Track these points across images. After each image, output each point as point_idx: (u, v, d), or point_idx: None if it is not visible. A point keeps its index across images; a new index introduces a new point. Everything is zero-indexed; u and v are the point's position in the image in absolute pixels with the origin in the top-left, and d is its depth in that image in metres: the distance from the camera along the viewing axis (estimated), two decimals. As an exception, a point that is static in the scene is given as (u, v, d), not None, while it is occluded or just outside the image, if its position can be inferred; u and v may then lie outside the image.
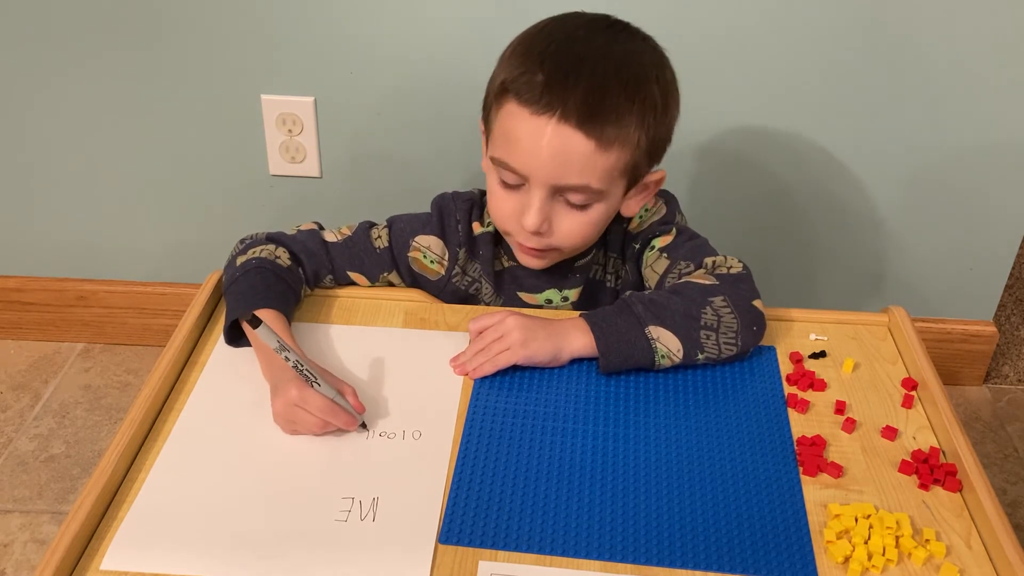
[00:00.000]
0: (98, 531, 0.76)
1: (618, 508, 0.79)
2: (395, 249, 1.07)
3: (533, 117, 0.90)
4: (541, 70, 0.90)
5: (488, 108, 0.98)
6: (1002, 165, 1.52)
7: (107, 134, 1.57)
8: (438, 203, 1.09)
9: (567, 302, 1.09)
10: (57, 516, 1.44)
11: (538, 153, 0.91)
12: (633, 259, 1.07)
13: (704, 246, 1.03)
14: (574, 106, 0.89)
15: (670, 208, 1.07)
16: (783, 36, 1.42)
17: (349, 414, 0.85)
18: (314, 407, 0.83)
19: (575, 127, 0.89)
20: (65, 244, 1.70)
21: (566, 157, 0.91)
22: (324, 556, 0.73)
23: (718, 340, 0.92)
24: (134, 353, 1.78)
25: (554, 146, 0.90)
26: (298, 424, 0.84)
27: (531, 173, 0.92)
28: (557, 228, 0.96)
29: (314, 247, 1.04)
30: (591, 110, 0.89)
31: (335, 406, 0.84)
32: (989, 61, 1.42)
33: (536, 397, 0.90)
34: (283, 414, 0.85)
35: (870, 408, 0.91)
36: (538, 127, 0.90)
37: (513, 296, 1.09)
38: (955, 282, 1.65)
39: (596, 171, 0.92)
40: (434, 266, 1.08)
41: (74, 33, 1.48)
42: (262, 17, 1.45)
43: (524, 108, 0.91)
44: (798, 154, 1.53)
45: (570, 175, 0.92)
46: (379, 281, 1.08)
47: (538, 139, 0.90)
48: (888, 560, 0.74)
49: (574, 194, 0.94)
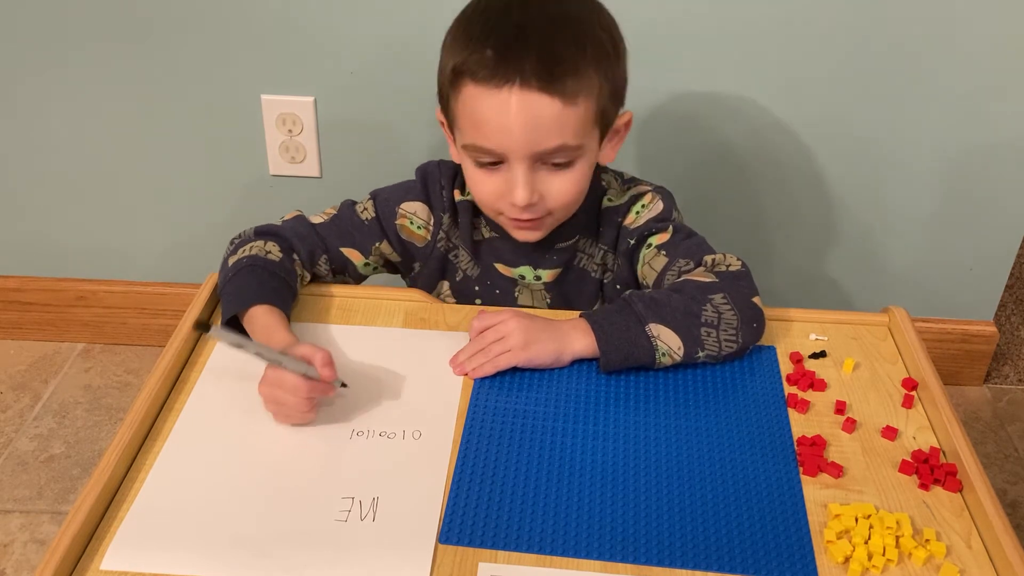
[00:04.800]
0: (98, 531, 0.76)
1: (618, 508, 0.79)
2: (382, 219, 1.08)
3: (494, 92, 0.90)
4: (487, 46, 0.90)
5: (445, 98, 0.97)
6: (1002, 165, 1.52)
7: (107, 134, 1.57)
8: (423, 169, 1.09)
9: (539, 281, 1.09)
10: (57, 516, 1.44)
11: (509, 127, 0.91)
12: (626, 254, 1.06)
13: (702, 244, 1.03)
14: (531, 70, 0.89)
15: (667, 205, 1.07)
16: (785, 34, 1.42)
17: (326, 385, 0.85)
18: (288, 387, 0.84)
19: (538, 90, 0.89)
20: (65, 244, 1.70)
21: (537, 122, 0.90)
22: (324, 556, 0.73)
23: (719, 337, 0.92)
24: (134, 353, 1.78)
25: (523, 115, 0.90)
26: (286, 407, 0.85)
27: (507, 148, 0.92)
28: (547, 193, 0.96)
29: (303, 231, 1.05)
30: (548, 69, 0.89)
31: (308, 381, 0.84)
32: (988, 61, 1.42)
33: (536, 397, 0.90)
34: (268, 398, 0.86)
35: (870, 408, 0.91)
36: (501, 101, 0.90)
37: (490, 267, 1.10)
38: (955, 282, 1.65)
39: (569, 127, 0.92)
40: (420, 231, 1.09)
41: (74, 33, 1.48)
42: (262, 17, 1.45)
43: (482, 86, 0.91)
44: (797, 154, 1.53)
45: (546, 139, 0.92)
46: (372, 254, 1.08)
47: (505, 113, 0.90)
48: (888, 560, 0.74)
49: (554, 156, 0.94)
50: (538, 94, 0.89)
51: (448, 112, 0.98)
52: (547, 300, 1.11)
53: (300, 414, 0.85)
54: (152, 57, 1.50)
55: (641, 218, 1.06)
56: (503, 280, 1.10)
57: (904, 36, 1.41)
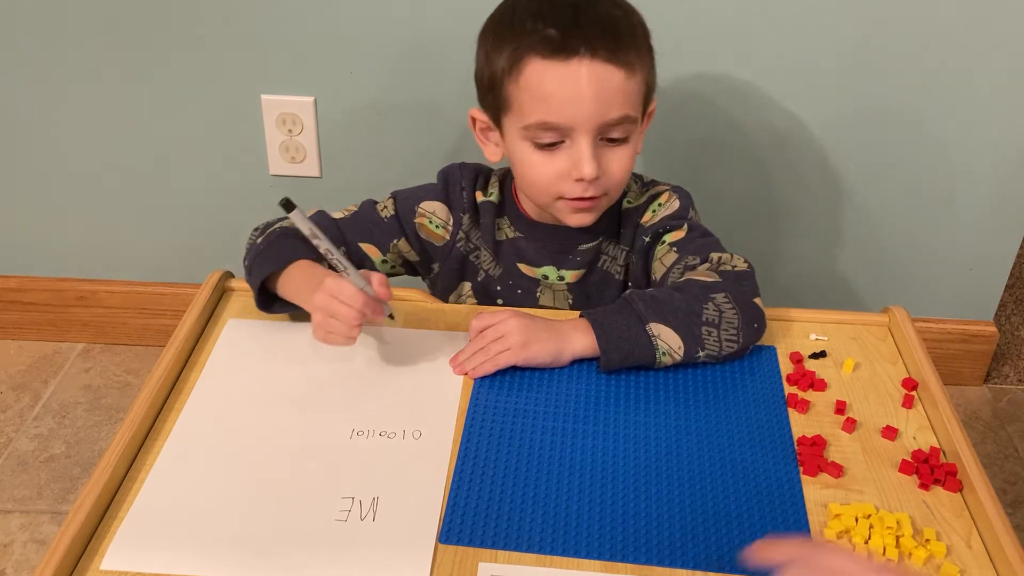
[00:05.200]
0: (98, 531, 0.76)
1: (618, 508, 0.79)
2: (401, 217, 1.09)
3: (563, 65, 0.92)
4: (547, 26, 0.93)
5: (498, 86, 0.97)
6: (1002, 165, 1.52)
7: (107, 134, 1.57)
8: (445, 171, 1.11)
9: (562, 281, 1.10)
10: (57, 516, 1.44)
11: (579, 97, 0.93)
12: (641, 251, 1.07)
13: (714, 245, 1.03)
14: (598, 42, 0.92)
15: (683, 204, 1.07)
16: (787, 33, 1.42)
17: (379, 304, 0.89)
18: (347, 295, 0.87)
19: (605, 60, 0.92)
20: (65, 244, 1.70)
21: (607, 92, 0.93)
22: (323, 556, 0.73)
23: (719, 336, 0.92)
24: (134, 353, 1.78)
25: (593, 85, 0.92)
26: (337, 319, 0.87)
27: (575, 120, 0.94)
28: (607, 169, 0.98)
29: (325, 223, 1.07)
30: (613, 41, 0.93)
31: (366, 295, 0.87)
32: (988, 62, 1.42)
33: (536, 397, 0.90)
34: (322, 308, 0.88)
35: (870, 408, 0.91)
36: (571, 72, 0.92)
37: (512, 267, 1.10)
38: (955, 282, 1.65)
39: (631, 98, 0.96)
40: (439, 231, 1.10)
41: (74, 33, 1.48)
42: (262, 17, 1.45)
43: (550, 60, 0.93)
44: (797, 155, 1.53)
45: (612, 109, 0.94)
46: (390, 251, 1.09)
47: (575, 83, 0.92)
48: (888, 560, 0.74)
49: (616, 128, 0.96)
50: (604, 64, 0.92)
51: (499, 102, 0.98)
52: (569, 301, 1.11)
53: (348, 328, 0.87)
54: (152, 57, 1.50)
55: (657, 216, 1.07)
56: (526, 280, 1.10)
57: (904, 37, 1.41)
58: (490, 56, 0.97)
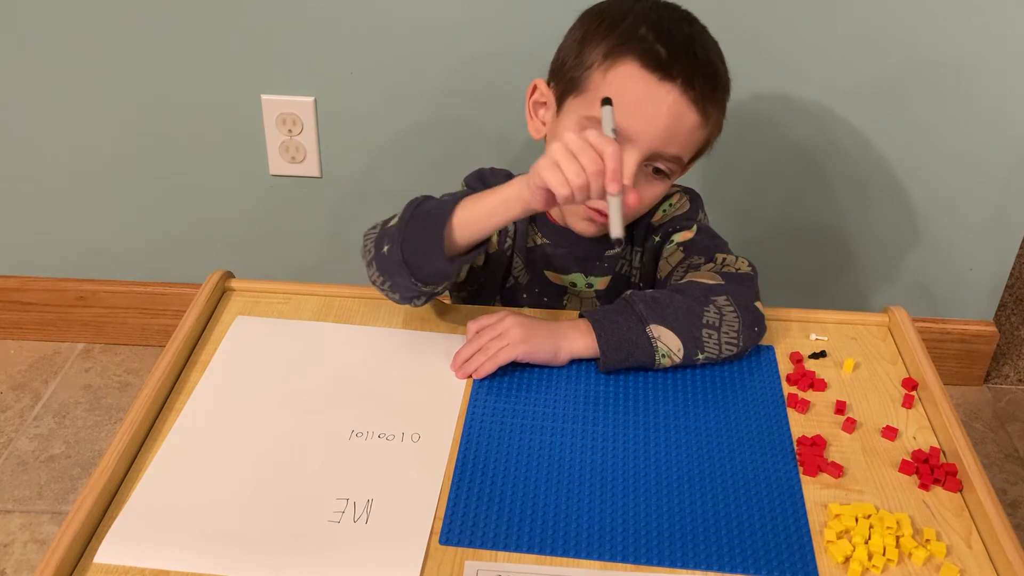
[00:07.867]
0: (98, 531, 0.75)
1: (618, 508, 0.79)
2: None
3: (657, 83, 0.93)
4: (659, 42, 0.93)
5: (582, 68, 0.96)
6: (1002, 165, 1.52)
7: (107, 134, 1.58)
8: (478, 175, 1.09)
9: (591, 289, 1.10)
10: (57, 516, 1.44)
11: (655, 118, 0.93)
12: (651, 251, 1.07)
13: (722, 247, 1.03)
14: (697, 82, 0.94)
15: (693, 206, 1.08)
16: (791, 34, 1.42)
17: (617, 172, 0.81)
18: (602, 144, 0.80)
19: (691, 100, 0.94)
20: (65, 244, 1.70)
21: (678, 126, 0.94)
22: (313, 557, 0.73)
23: (719, 339, 0.92)
24: (134, 353, 1.78)
25: (671, 114, 0.93)
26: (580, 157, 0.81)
27: (638, 134, 0.94)
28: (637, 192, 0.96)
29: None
30: (709, 88, 0.95)
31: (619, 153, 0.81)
32: (988, 62, 1.42)
33: (536, 398, 0.90)
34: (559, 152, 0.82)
35: (870, 408, 0.91)
36: (660, 92, 0.93)
37: (540, 275, 1.10)
38: (955, 282, 1.65)
39: (691, 144, 0.97)
40: (494, 237, 1.08)
41: (74, 33, 1.48)
42: (262, 17, 1.46)
43: (649, 73, 0.93)
44: (797, 155, 1.53)
45: (673, 144, 0.96)
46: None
47: (657, 104, 0.93)
48: (888, 560, 0.74)
49: (665, 162, 0.97)
50: (690, 103, 0.94)
51: (576, 83, 0.97)
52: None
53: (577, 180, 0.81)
54: (152, 57, 1.50)
55: (667, 216, 1.07)
56: (552, 288, 1.10)
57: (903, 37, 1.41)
58: (587, 38, 0.97)
